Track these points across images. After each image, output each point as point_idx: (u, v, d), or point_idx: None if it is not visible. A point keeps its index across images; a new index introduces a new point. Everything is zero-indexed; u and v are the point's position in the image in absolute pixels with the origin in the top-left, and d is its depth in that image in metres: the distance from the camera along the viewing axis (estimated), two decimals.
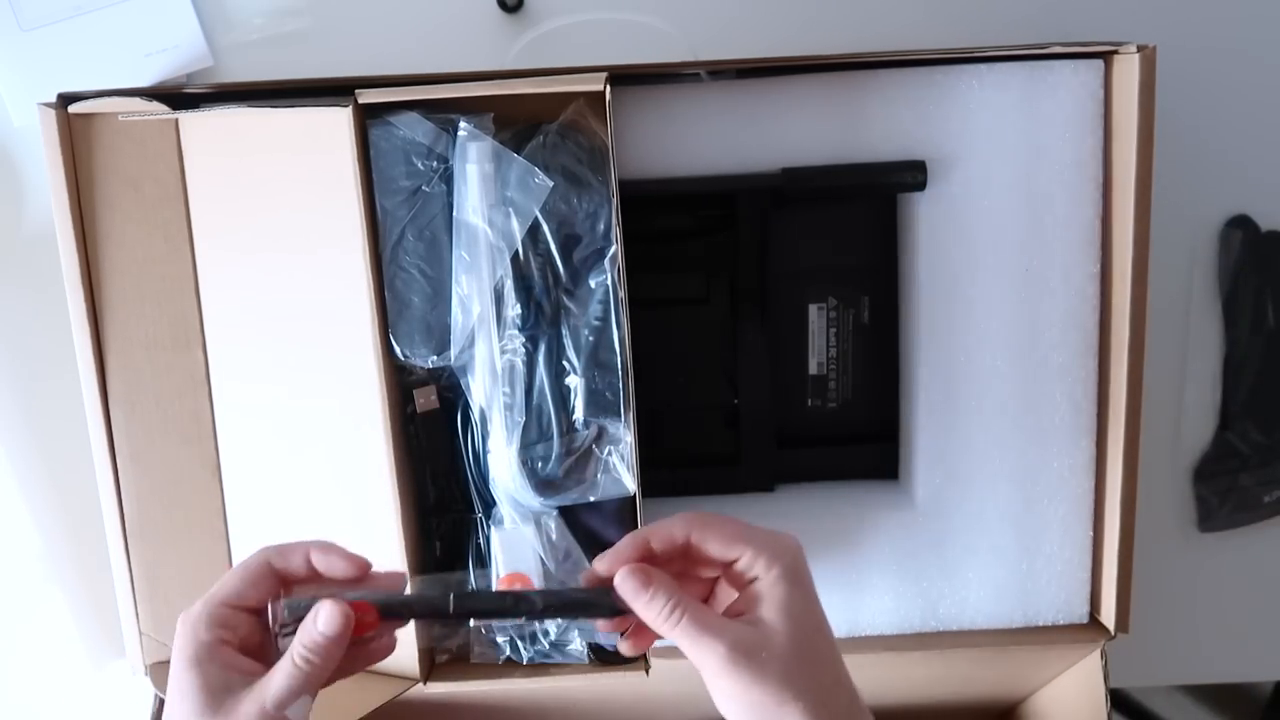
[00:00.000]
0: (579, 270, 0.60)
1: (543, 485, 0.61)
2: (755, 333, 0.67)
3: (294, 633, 0.46)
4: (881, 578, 0.66)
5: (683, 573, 0.50)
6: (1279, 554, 0.80)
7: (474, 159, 0.58)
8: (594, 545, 0.63)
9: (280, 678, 0.45)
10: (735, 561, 0.48)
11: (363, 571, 0.48)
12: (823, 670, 0.47)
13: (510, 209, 0.59)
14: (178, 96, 0.61)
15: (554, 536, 0.61)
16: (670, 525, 0.49)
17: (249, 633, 0.47)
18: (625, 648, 0.51)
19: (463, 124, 0.58)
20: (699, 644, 0.46)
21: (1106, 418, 0.64)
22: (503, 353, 0.60)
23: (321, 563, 0.48)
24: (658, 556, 0.49)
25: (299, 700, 0.45)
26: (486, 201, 0.58)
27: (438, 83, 0.58)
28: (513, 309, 0.60)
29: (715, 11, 0.73)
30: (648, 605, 0.47)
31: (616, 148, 0.58)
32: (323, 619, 0.46)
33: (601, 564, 0.49)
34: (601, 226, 0.59)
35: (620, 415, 0.60)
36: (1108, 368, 0.64)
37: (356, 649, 0.48)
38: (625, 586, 0.48)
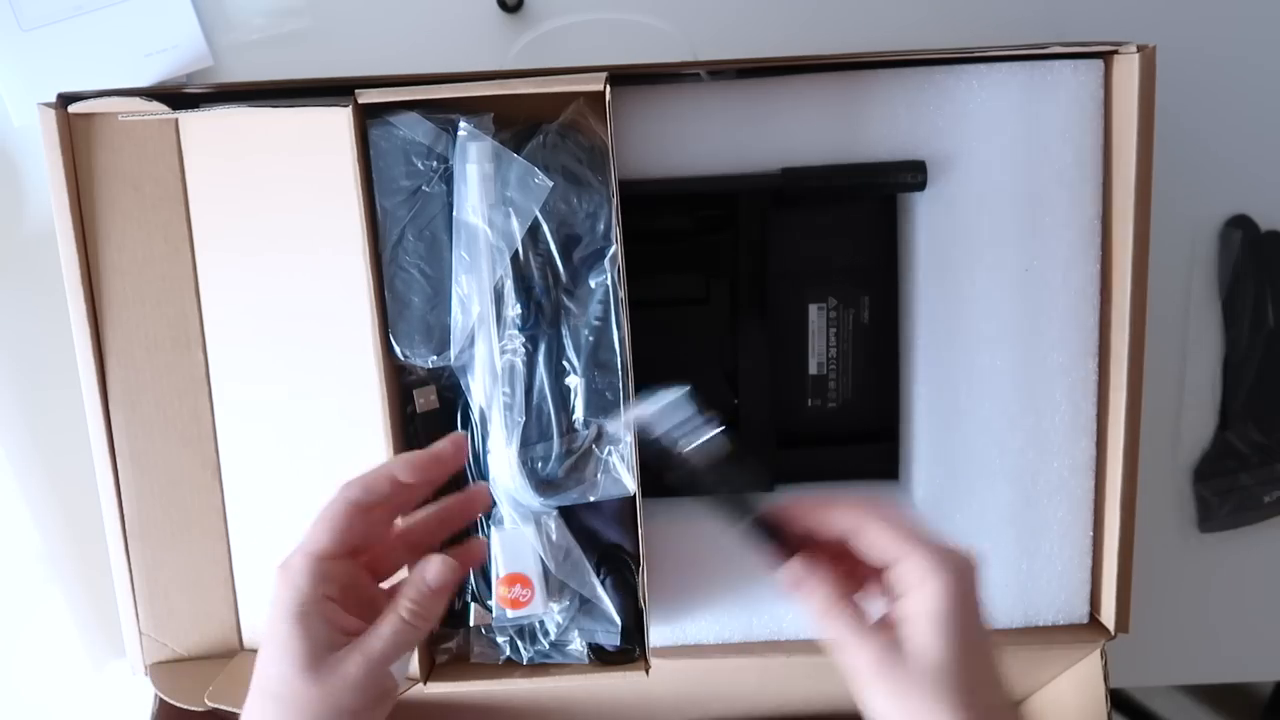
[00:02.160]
0: (579, 270, 0.60)
1: (543, 485, 0.61)
2: (755, 333, 0.67)
3: None
4: None
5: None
6: (1279, 554, 0.80)
7: (474, 159, 0.58)
8: (594, 545, 0.63)
9: (386, 632, 0.44)
10: (895, 565, 0.46)
11: (446, 464, 0.48)
12: (979, 692, 0.45)
13: (510, 209, 0.59)
14: (178, 96, 0.61)
15: (554, 536, 0.61)
16: (835, 515, 0.48)
17: (347, 583, 0.45)
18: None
19: (463, 124, 0.58)
20: (845, 651, 0.46)
21: (1106, 418, 0.64)
22: (503, 353, 0.60)
23: (409, 474, 0.47)
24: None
25: (404, 656, 0.45)
26: (486, 201, 0.58)
27: (438, 83, 0.58)
28: (513, 309, 0.60)
29: (715, 11, 0.73)
30: (810, 601, 0.47)
31: (616, 148, 0.58)
32: (431, 572, 0.45)
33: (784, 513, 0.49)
34: (601, 226, 0.59)
35: (620, 415, 0.60)
36: (1108, 368, 0.64)
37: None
38: (787, 581, 0.48)
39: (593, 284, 0.60)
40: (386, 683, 0.45)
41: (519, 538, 0.60)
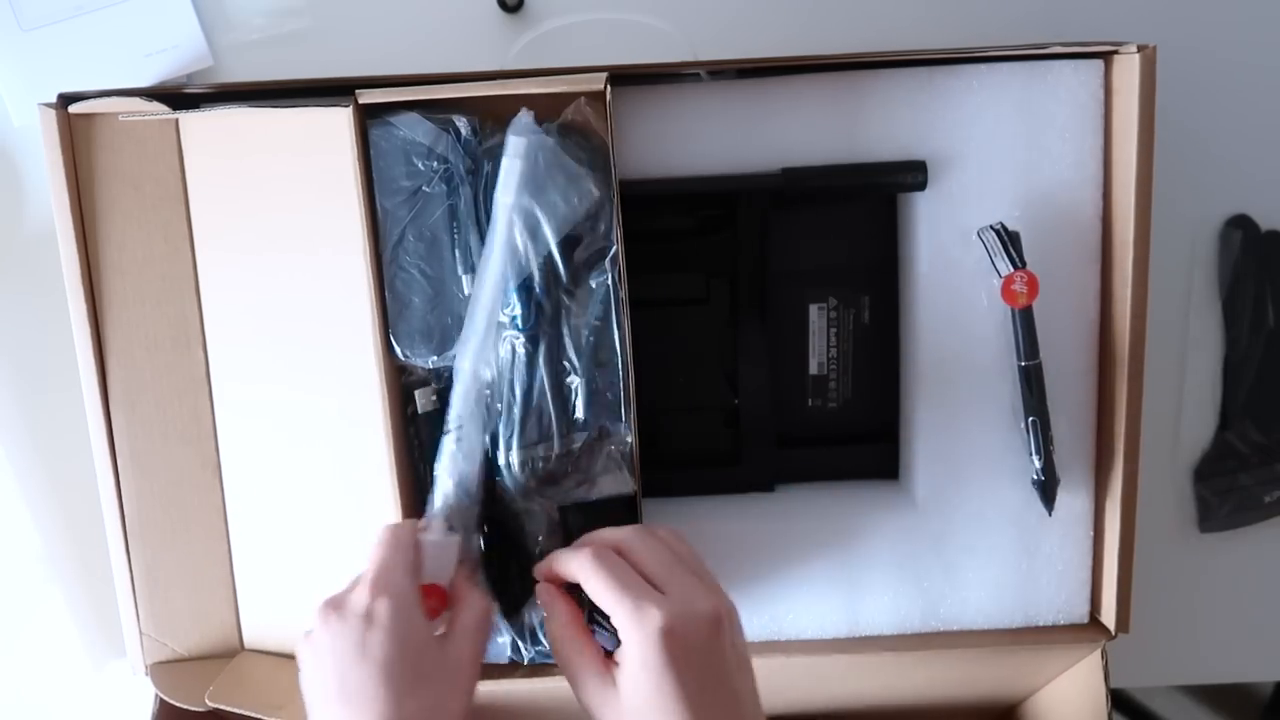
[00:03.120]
0: (579, 270, 0.60)
1: (543, 485, 0.61)
2: (755, 333, 0.67)
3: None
4: (881, 578, 0.66)
5: None
6: (1279, 554, 0.80)
7: (521, 154, 0.58)
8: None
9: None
10: (612, 618, 0.49)
11: None
12: None
13: (544, 213, 0.59)
14: (178, 96, 0.61)
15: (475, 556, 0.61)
16: (568, 563, 0.51)
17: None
18: None
19: (525, 114, 0.58)
20: (573, 678, 0.50)
21: (1106, 418, 0.64)
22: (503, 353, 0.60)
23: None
24: None
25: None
26: (522, 200, 0.58)
27: (438, 83, 0.58)
28: (513, 309, 0.60)
29: (715, 11, 0.73)
30: (548, 621, 0.53)
31: (616, 148, 0.58)
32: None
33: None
34: (602, 226, 0.59)
35: (620, 415, 0.60)
36: (1108, 368, 0.64)
37: None
38: (540, 596, 0.53)
39: (593, 284, 0.60)
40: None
41: (447, 546, 0.57)
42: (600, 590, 0.49)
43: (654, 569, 0.50)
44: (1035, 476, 0.63)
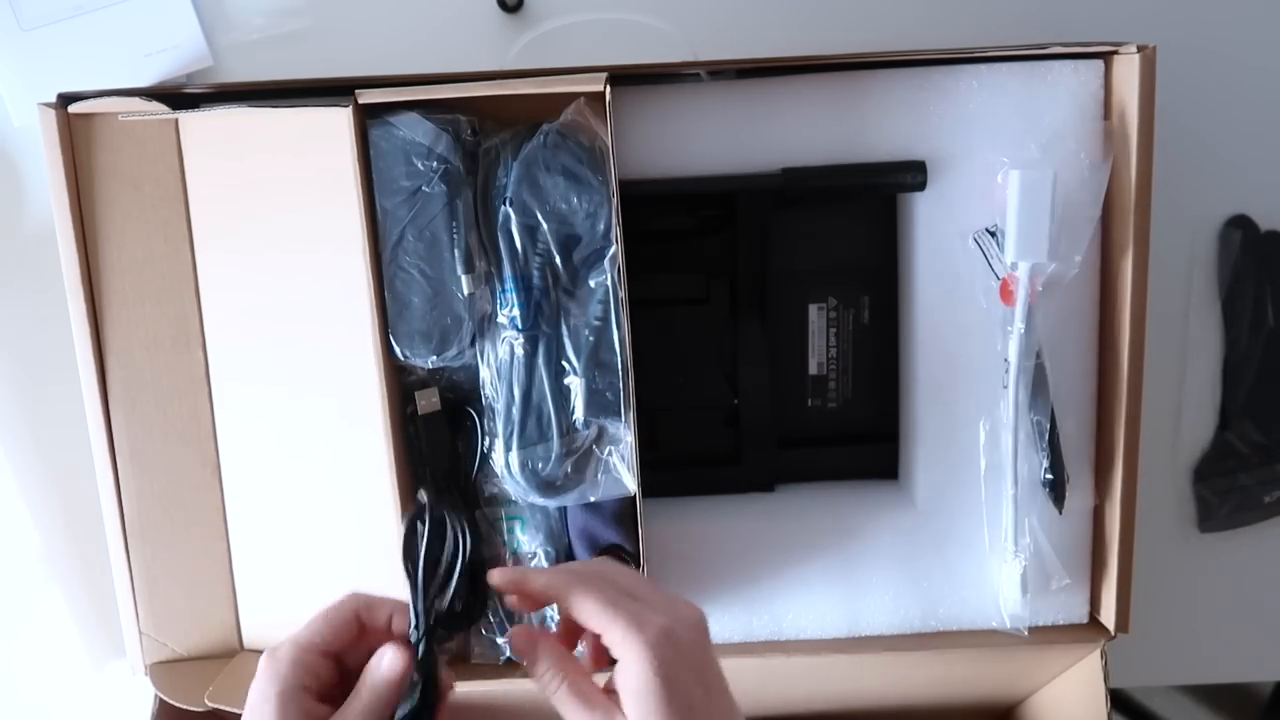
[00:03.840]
0: (579, 270, 0.60)
1: (543, 485, 0.61)
2: (755, 333, 0.67)
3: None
4: (881, 578, 0.66)
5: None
6: (1279, 554, 0.80)
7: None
8: (593, 545, 0.63)
9: (349, 715, 0.46)
10: (602, 636, 0.46)
11: None
12: None
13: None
14: (178, 96, 0.61)
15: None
16: (551, 583, 0.48)
17: (328, 678, 0.47)
18: None
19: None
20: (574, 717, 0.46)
21: (1106, 418, 0.64)
22: (502, 353, 0.60)
23: (399, 625, 0.48)
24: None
25: None
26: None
27: (438, 83, 0.58)
28: (512, 309, 0.60)
29: (715, 11, 0.73)
30: (532, 669, 0.47)
31: (616, 148, 0.58)
32: (386, 663, 0.46)
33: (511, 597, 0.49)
34: (601, 226, 0.59)
35: (620, 415, 0.60)
36: (1108, 368, 0.64)
37: None
38: (514, 646, 0.48)
39: (593, 284, 0.60)
40: None
41: None
42: (592, 609, 0.46)
43: (629, 586, 0.48)
44: (1043, 476, 0.63)
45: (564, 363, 0.60)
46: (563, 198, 0.59)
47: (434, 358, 0.61)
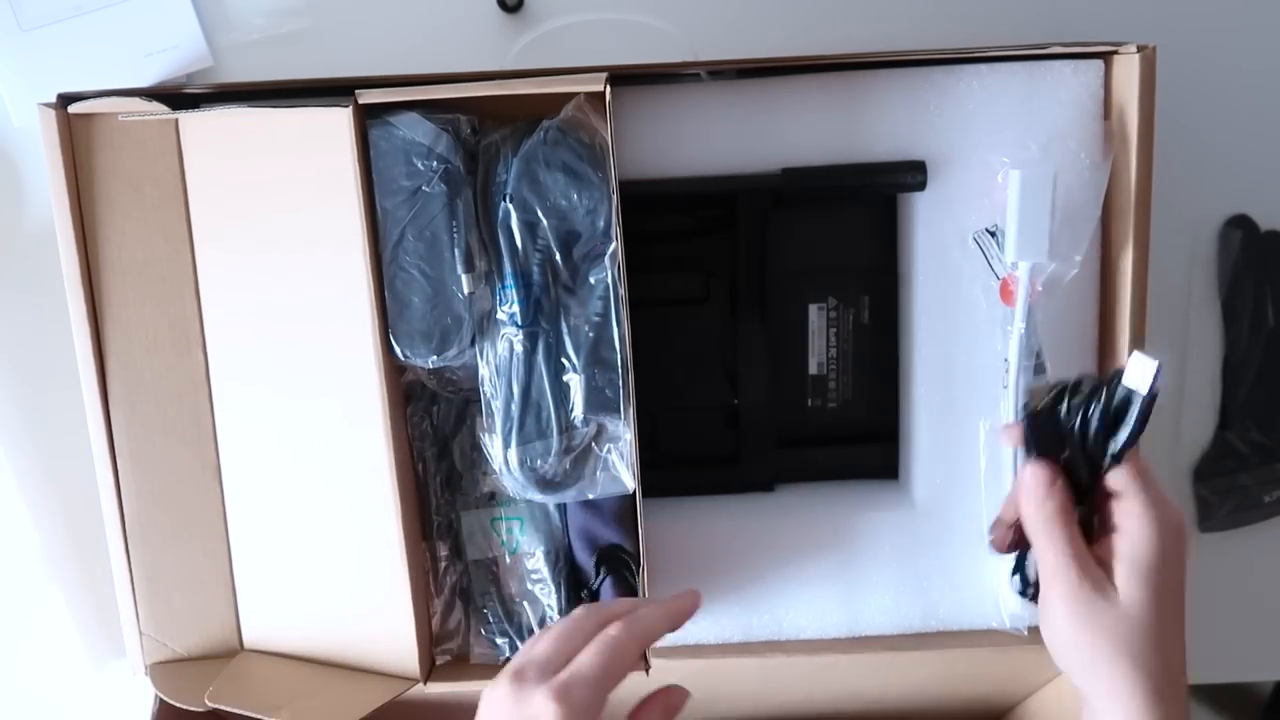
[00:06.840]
0: (579, 267, 0.60)
1: (541, 482, 0.61)
2: (755, 333, 0.67)
3: None
4: (881, 578, 0.66)
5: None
6: (1279, 554, 0.80)
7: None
8: (592, 545, 0.63)
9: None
10: (1117, 497, 0.47)
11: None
12: (1164, 653, 0.47)
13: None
14: (178, 96, 0.61)
15: None
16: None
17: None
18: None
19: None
20: (1049, 567, 0.47)
21: None
22: (502, 350, 0.60)
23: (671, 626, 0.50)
24: None
25: None
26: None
27: (438, 83, 0.58)
28: (512, 305, 0.60)
29: (715, 11, 0.73)
30: (1041, 503, 0.48)
31: (616, 148, 0.58)
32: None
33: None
34: (601, 223, 0.59)
35: (620, 413, 0.60)
36: (1108, 368, 0.64)
37: None
38: (1028, 482, 0.49)
39: (593, 281, 0.60)
40: None
41: None
42: (1132, 469, 0.48)
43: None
44: None
45: (563, 359, 0.60)
46: (563, 194, 0.59)
47: (434, 358, 0.61)
